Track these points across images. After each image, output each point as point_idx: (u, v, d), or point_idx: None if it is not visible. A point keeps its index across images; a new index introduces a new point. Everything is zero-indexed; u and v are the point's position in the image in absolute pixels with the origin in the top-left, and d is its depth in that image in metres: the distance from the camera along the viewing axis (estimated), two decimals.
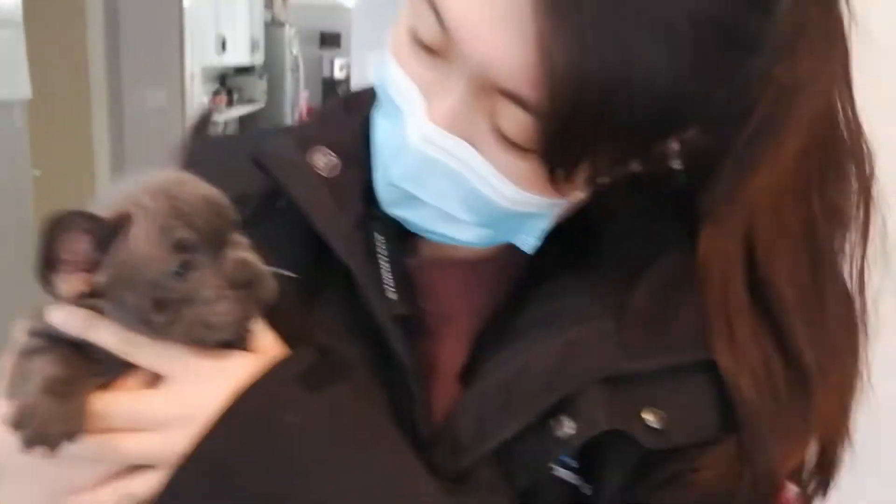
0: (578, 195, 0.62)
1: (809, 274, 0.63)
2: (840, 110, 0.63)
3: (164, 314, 0.56)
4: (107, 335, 0.57)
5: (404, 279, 0.68)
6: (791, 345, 0.63)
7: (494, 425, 0.62)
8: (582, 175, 0.58)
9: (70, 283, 0.56)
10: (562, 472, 0.64)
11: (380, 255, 0.68)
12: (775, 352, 0.62)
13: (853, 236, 0.65)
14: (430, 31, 0.57)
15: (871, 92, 0.65)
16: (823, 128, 0.62)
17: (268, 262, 0.59)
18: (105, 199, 0.59)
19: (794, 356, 0.62)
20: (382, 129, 0.65)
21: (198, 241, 0.56)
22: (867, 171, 0.64)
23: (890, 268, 0.67)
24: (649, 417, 0.61)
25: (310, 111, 7.51)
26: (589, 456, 0.63)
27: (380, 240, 0.69)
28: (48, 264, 0.55)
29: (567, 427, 0.61)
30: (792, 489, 0.66)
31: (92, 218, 0.55)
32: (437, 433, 0.65)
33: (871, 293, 0.66)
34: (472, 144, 0.59)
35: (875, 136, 0.65)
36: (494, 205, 0.61)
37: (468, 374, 0.68)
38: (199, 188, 0.59)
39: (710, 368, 0.62)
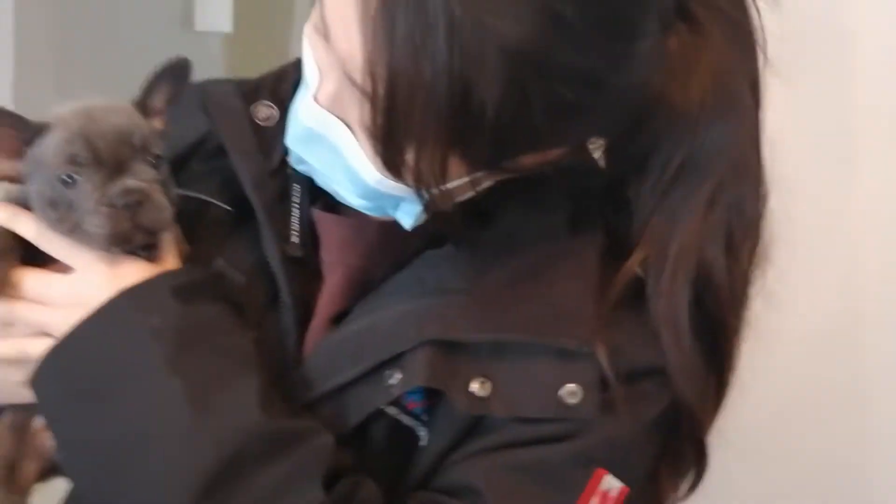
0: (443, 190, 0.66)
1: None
2: (751, 154, 0.72)
3: (55, 212, 0.70)
4: (27, 228, 0.72)
5: (310, 227, 0.79)
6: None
7: (338, 369, 0.71)
8: (412, 173, 0.62)
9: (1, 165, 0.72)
10: (400, 416, 0.72)
11: (293, 203, 0.79)
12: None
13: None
14: (319, 22, 0.66)
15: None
16: (736, 184, 0.71)
17: (192, 191, 0.74)
18: (58, 110, 0.72)
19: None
20: (300, 96, 0.72)
21: (90, 159, 0.68)
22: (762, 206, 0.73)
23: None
24: (475, 386, 0.68)
25: None
26: (433, 412, 0.72)
27: (295, 188, 0.79)
28: None
29: (394, 378, 0.69)
30: (612, 481, 0.69)
31: (20, 119, 0.71)
32: (295, 368, 0.75)
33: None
34: (348, 126, 0.67)
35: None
36: (367, 183, 0.68)
37: (338, 321, 0.77)
38: (116, 118, 0.71)
39: (548, 352, 0.69)
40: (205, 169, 0.82)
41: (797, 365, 1.19)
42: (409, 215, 0.72)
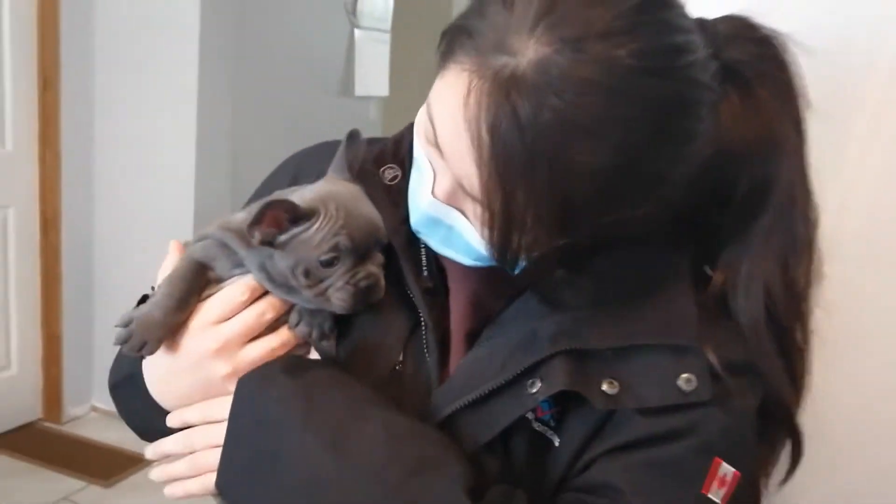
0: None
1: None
2: (800, 189, 0.84)
3: (305, 280, 0.86)
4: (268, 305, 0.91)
5: (436, 263, 0.94)
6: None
7: (483, 380, 0.83)
8: (518, 249, 0.78)
9: (262, 233, 0.86)
10: (534, 423, 0.85)
11: (421, 245, 0.93)
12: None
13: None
14: (431, 137, 0.79)
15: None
16: (788, 208, 0.84)
17: None
18: (313, 192, 0.89)
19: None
20: (414, 177, 0.88)
21: (349, 248, 0.86)
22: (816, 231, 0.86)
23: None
24: (605, 387, 0.80)
25: None
26: (562, 416, 0.84)
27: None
28: (256, 221, 0.85)
29: (535, 387, 0.81)
30: (727, 467, 0.81)
31: (292, 204, 0.85)
32: (439, 382, 0.89)
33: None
34: (464, 214, 0.82)
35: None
36: (479, 252, 0.83)
37: (471, 339, 0.92)
38: (369, 214, 0.89)
39: (663, 351, 0.81)
40: None
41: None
42: (516, 269, 0.82)
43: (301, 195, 0.88)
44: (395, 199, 0.92)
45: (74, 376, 3.73)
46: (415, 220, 0.87)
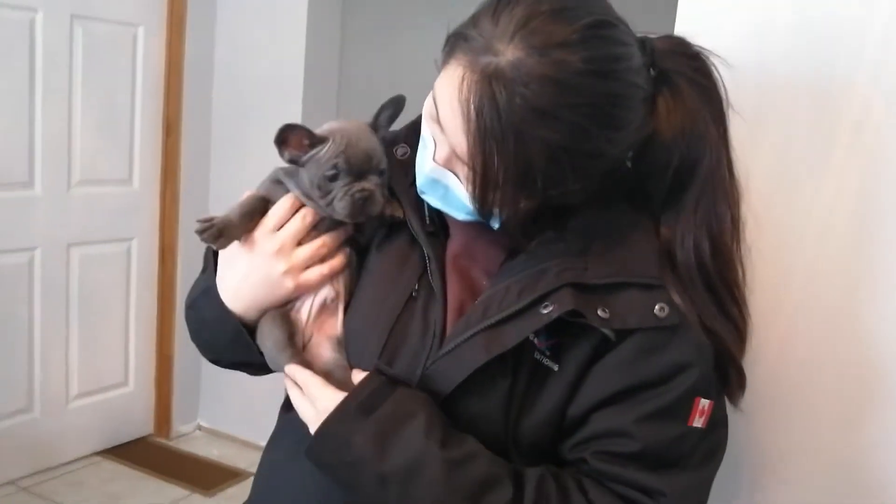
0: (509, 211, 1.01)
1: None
2: (724, 169, 1.03)
3: (318, 192, 1.11)
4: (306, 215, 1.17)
5: (439, 217, 1.13)
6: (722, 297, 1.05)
7: (506, 305, 1.01)
8: (497, 212, 1.00)
9: (289, 152, 1.11)
10: (537, 355, 1.02)
11: (426, 203, 1.11)
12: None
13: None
14: (435, 114, 0.99)
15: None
16: (712, 187, 1.03)
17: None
18: (328, 125, 1.14)
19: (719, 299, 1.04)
20: (420, 151, 1.07)
21: (345, 168, 1.09)
22: (738, 208, 1.05)
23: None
24: (600, 312, 0.98)
25: None
26: (561, 351, 1.01)
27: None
28: (280, 142, 1.10)
29: (547, 308, 0.98)
30: (704, 401, 1.00)
31: (307, 130, 1.10)
32: (443, 302, 1.08)
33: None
34: (457, 176, 1.01)
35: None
36: (468, 207, 1.01)
37: (465, 271, 1.12)
38: (367, 145, 1.11)
39: (639, 286, 1.00)
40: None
41: None
42: (496, 223, 1.04)
43: (320, 128, 1.13)
44: (405, 170, 1.14)
45: (183, 396, 3.92)
46: (420, 182, 1.07)
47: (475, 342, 1.01)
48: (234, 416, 3.92)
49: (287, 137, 1.10)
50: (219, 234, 1.12)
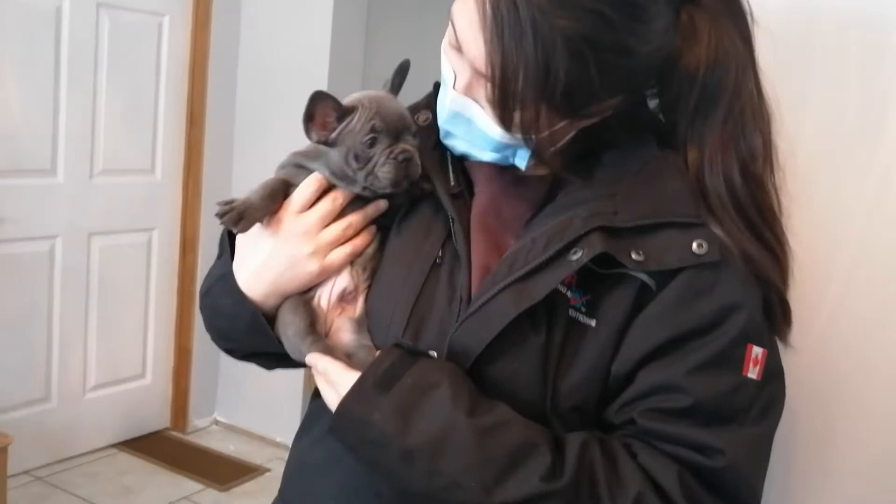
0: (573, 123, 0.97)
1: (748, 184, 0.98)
2: (752, 86, 0.99)
3: (356, 164, 1.05)
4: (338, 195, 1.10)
5: (463, 174, 1.10)
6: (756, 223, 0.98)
7: (533, 256, 0.96)
8: (520, 126, 0.94)
9: (316, 132, 1.06)
10: (571, 311, 0.97)
11: (449, 162, 1.09)
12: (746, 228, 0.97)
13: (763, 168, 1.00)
14: (453, 38, 0.97)
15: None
16: (740, 102, 0.98)
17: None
18: (351, 96, 1.08)
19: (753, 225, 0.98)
20: (440, 96, 1.04)
21: (384, 129, 1.04)
22: (769, 127, 1.00)
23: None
24: (634, 255, 0.93)
25: None
26: (597, 306, 0.97)
27: (447, 155, 1.09)
28: (308, 118, 1.05)
29: (577, 254, 0.93)
30: (757, 349, 0.94)
31: (335, 101, 1.05)
32: (467, 262, 1.03)
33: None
34: (478, 103, 0.98)
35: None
36: (492, 139, 0.98)
37: (489, 231, 1.06)
38: (396, 106, 1.07)
39: (676, 225, 0.94)
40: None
41: None
42: (522, 160, 1.00)
43: (345, 100, 1.08)
44: (428, 133, 1.10)
45: (200, 390, 3.93)
46: (442, 120, 1.03)
47: (502, 298, 0.96)
48: (251, 411, 3.91)
49: (314, 113, 1.05)
50: (239, 216, 1.06)
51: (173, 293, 3.80)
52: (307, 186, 1.10)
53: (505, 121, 0.94)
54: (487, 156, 1.02)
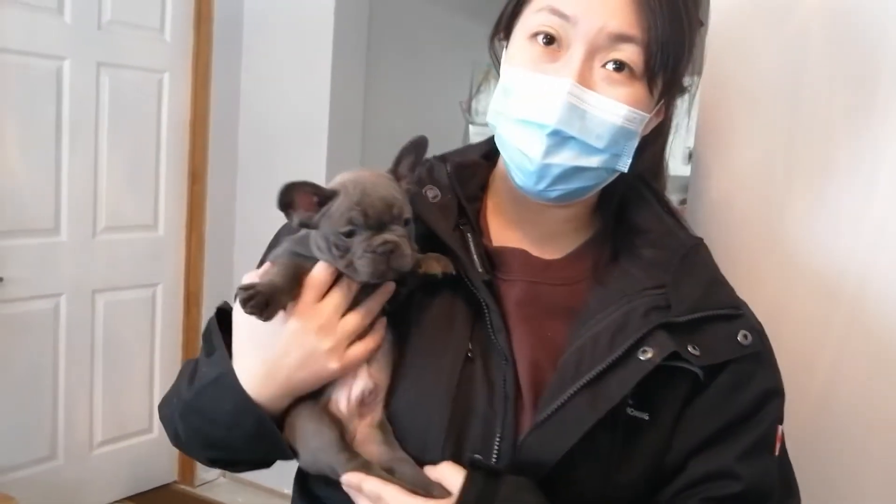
0: (654, 116, 1.00)
1: None
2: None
3: (337, 251, 0.95)
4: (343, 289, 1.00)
5: (488, 259, 1.04)
6: None
7: (598, 359, 0.93)
8: (662, 88, 0.97)
9: (299, 215, 0.96)
10: (629, 410, 0.95)
11: (472, 246, 1.03)
12: None
13: None
14: (550, 27, 0.95)
15: None
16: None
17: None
18: (339, 177, 0.99)
19: None
20: (516, 129, 0.99)
21: (362, 222, 0.93)
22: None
23: None
24: (692, 349, 0.94)
25: None
26: (647, 398, 0.95)
27: (468, 236, 1.04)
28: (284, 206, 0.95)
29: (647, 353, 0.93)
30: (780, 428, 0.99)
31: (312, 185, 0.95)
32: (537, 377, 0.98)
33: None
34: (593, 90, 0.94)
35: None
36: (612, 125, 0.95)
37: (533, 321, 1.03)
38: (384, 192, 0.96)
39: (721, 318, 0.97)
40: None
41: None
42: (627, 159, 0.99)
43: (331, 182, 0.99)
44: (443, 213, 1.04)
45: None
46: (556, 120, 0.94)
47: (578, 402, 0.92)
48: None
49: (292, 198, 0.95)
50: (267, 302, 0.94)
51: (178, 347, 3.80)
52: (319, 274, 0.99)
53: (654, 82, 0.96)
54: (597, 159, 0.98)
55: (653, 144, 1.06)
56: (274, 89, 3.73)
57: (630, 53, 0.93)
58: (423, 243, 1.01)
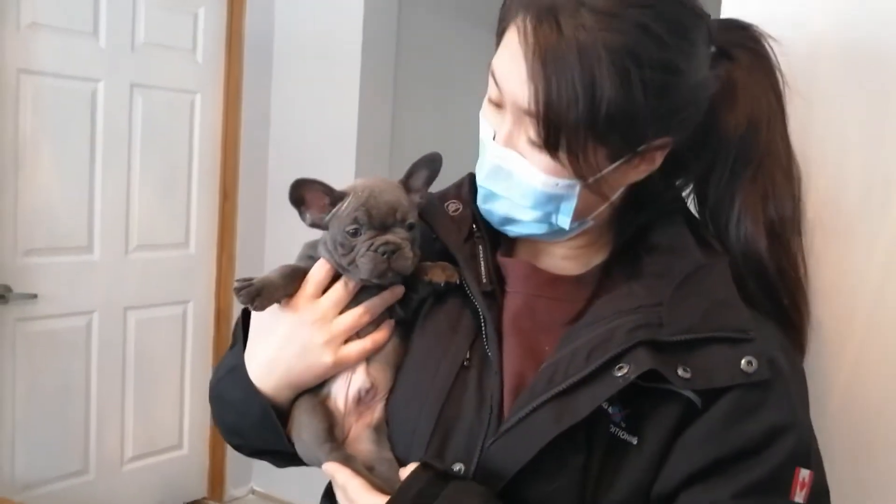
0: (582, 186, 0.93)
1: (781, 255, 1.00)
2: (781, 145, 1.00)
3: (342, 249, 1.01)
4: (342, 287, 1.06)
5: (496, 271, 1.05)
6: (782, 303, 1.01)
7: (576, 369, 0.90)
8: (569, 159, 0.89)
9: (311, 214, 1.04)
10: (612, 428, 0.91)
11: (481, 257, 1.04)
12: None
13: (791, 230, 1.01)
14: (493, 92, 0.94)
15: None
16: (770, 160, 1.00)
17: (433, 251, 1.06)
18: (354, 181, 1.05)
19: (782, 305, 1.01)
20: (480, 161, 1.00)
21: (367, 221, 1.00)
22: (799, 188, 1.02)
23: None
24: (681, 371, 0.88)
25: None
26: (638, 422, 0.91)
27: (479, 249, 1.05)
28: (296, 203, 1.03)
29: (623, 369, 0.88)
30: (804, 471, 0.90)
31: (323, 185, 1.02)
32: (520, 388, 0.96)
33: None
34: (519, 153, 0.93)
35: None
36: (534, 189, 0.93)
37: (525, 335, 1.02)
38: (390, 197, 1.02)
39: (718, 341, 0.90)
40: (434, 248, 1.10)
41: None
42: (566, 217, 0.95)
43: (348, 184, 1.05)
44: (458, 226, 1.06)
45: (237, 459, 3.89)
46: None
47: (542, 414, 0.90)
48: (287, 479, 3.87)
49: (303, 196, 1.03)
50: (257, 293, 1.01)
51: (208, 364, 3.83)
52: (317, 271, 1.06)
53: (551, 146, 0.89)
54: (528, 215, 0.97)
55: (686, 171, 1.04)
56: (303, 109, 3.76)
57: (532, 129, 0.90)
58: (441, 254, 1.06)
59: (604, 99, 0.84)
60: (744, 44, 1.00)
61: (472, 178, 1.09)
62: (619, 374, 0.88)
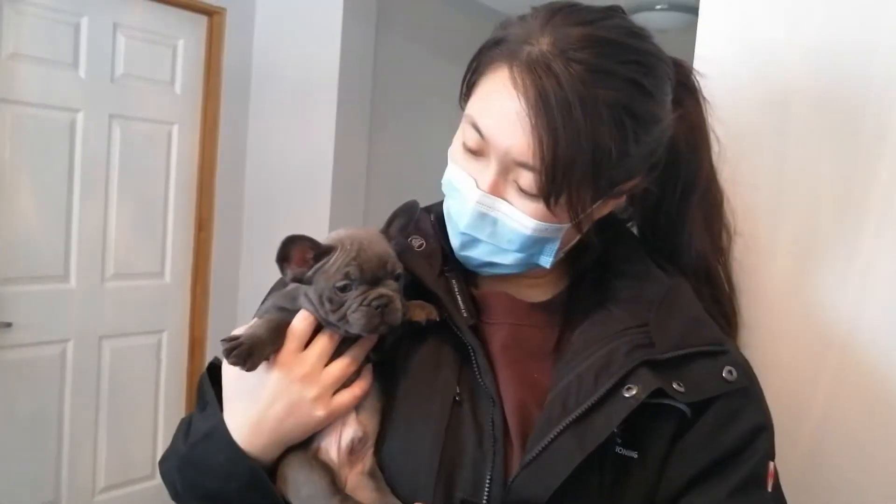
0: (568, 226, 0.98)
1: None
2: (712, 170, 1.11)
3: (329, 307, 0.97)
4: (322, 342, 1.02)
5: (472, 303, 1.07)
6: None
7: (584, 396, 0.94)
8: (567, 207, 0.94)
9: (291, 270, 0.99)
10: (617, 449, 0.95)
11: (457, 291, 1.06)
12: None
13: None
14: (474, 141, 0.96)
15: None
16: (711, 183, 1.11)
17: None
18: (335, 233, 1.02)
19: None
20: (452, 207, 1.03)
21: (358, 276, 0.96)
22: (725, 211, 1.13)
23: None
24: (676, 386, 0.94)
25: None
26: (635, 436, 0.95)
27: (453, 283, 1.07)
28: (282, 259, 0.98)
29: (632, 390, 0.92)
30: (771, 464, 0.97)
31: (311, 241, 0.98)
32: (524, 417, 0.99)
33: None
34: (505, 200, 0.96)
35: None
36: (522, 234, 0.97)
37: (517, 364, 1.04)
38: (379, 249, 0.99)
39: (705, 354, 0.97)
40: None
41: None
42: (548, 257, 1.00)
43: (326, 237, 1.01)
44: (428, 261, 1.07)
45: None
46: (464, 224, 1.00)
47: (564, 440, 0.92)
48: None
49: (290, 253, 0.98)
50: (249, 352, 0.96)
51: (182, 394, 3.82)
52: (299, 323, 1.01)
53: (552, 194, 0.92)
54: (511, 258, 1.00)
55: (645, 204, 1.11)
56: (280, 141, 3.80)
57: (527, 179, 0.93)
58: (409, 291, 1.03)
59: (606, 152, 0.90)
60: (683, 81, 1.06)
61: (429, 213, 1.13)
62: (630, 395, 0.93)
